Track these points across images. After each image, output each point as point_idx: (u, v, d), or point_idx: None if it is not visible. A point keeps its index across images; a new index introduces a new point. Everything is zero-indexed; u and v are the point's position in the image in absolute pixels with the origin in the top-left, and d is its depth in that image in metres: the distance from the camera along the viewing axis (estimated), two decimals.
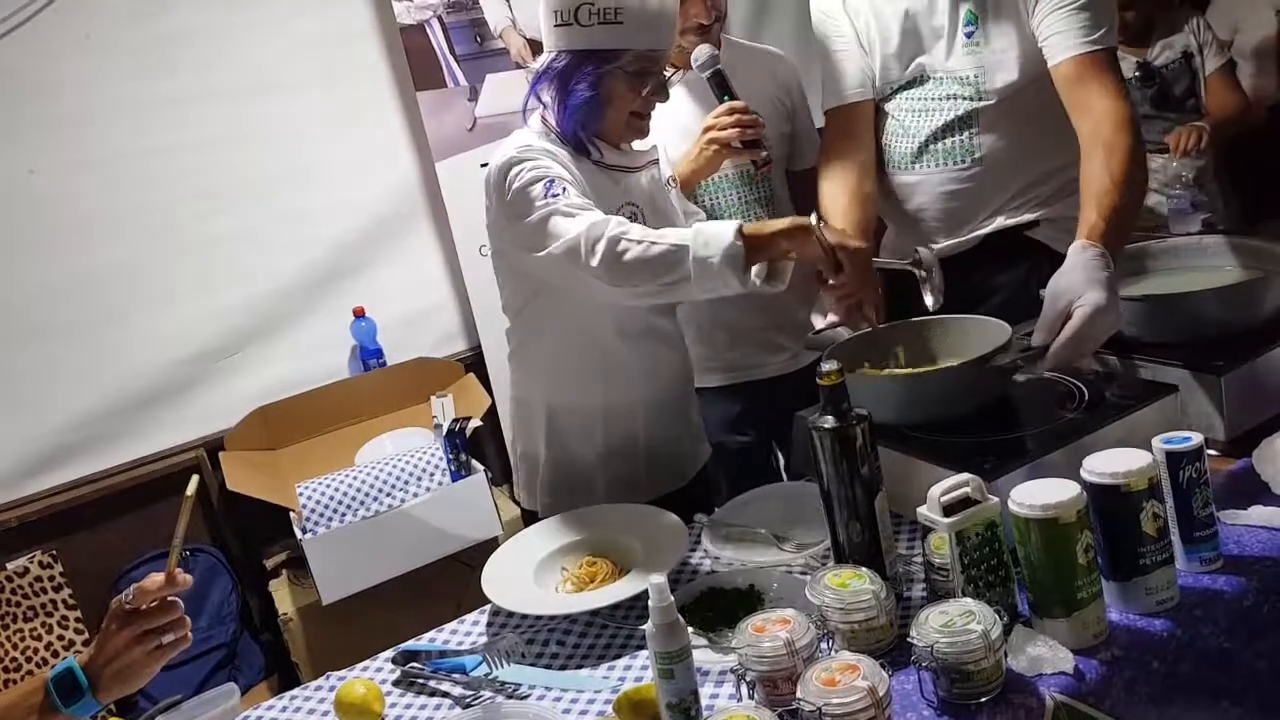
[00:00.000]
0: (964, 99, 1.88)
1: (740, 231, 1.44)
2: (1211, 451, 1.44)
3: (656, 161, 1.79)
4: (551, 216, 1.52)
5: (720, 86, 1.96)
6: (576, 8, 1.55)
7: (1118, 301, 1.46)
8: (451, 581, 2.54)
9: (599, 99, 1.61)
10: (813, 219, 1.49)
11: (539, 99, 1.67)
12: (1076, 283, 1.46)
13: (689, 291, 1.48)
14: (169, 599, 1.28)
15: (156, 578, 1.26)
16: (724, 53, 2.00)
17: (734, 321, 2.16)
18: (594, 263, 1.47)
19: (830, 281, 1.58)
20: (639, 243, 1.46)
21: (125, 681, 1.27)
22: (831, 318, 1.70)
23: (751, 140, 1.92)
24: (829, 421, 1.27)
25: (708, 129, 1.94)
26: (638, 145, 1.74)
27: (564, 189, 1.54)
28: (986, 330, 1.60)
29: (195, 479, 1.34)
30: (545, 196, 1.53)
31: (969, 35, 1.86)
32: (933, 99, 1.92)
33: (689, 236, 1.46)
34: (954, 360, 1.60)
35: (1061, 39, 1.75)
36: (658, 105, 1.71)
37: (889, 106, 2.00)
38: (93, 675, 1.25)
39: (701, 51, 1.96)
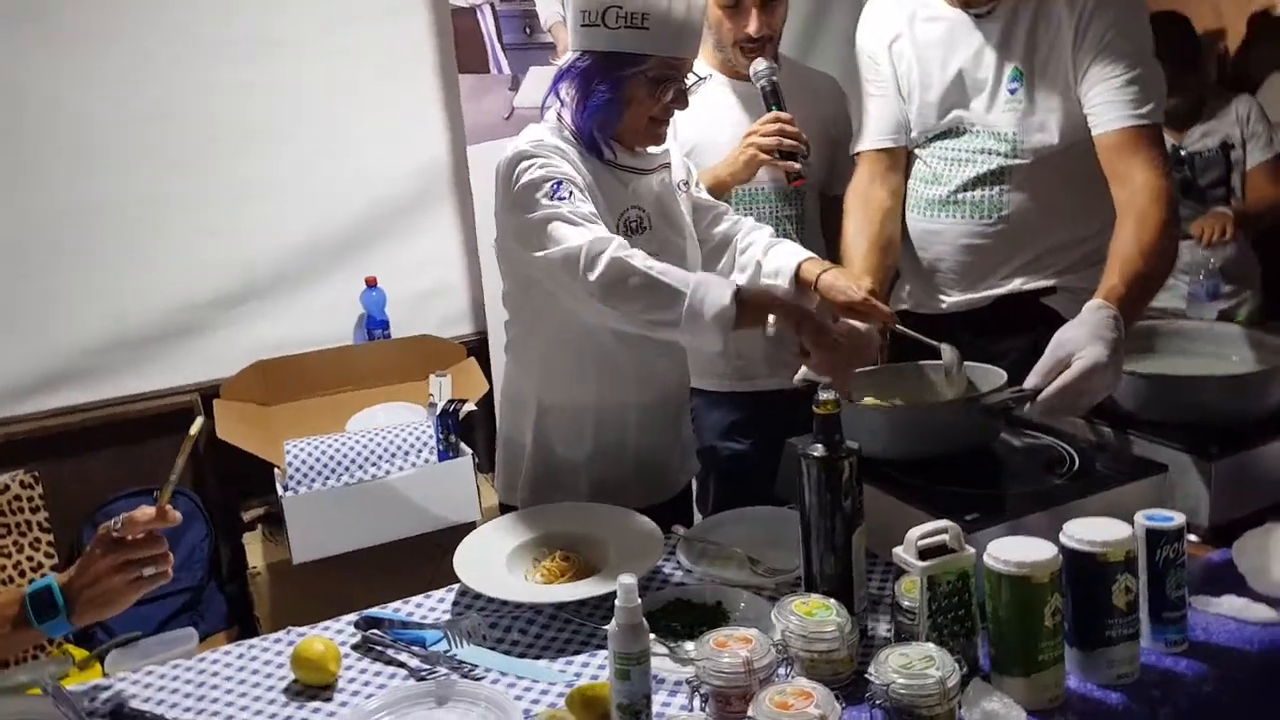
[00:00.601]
0: (998, 155, 1.89)
1: (736, 296, 1.43)
2: (1193, 537, 1.45)
3: (669, 165, 1.79)
4: (554, 221, 1.52)
5: (771, 98, 2.01)
6: (604, 10, 1.56)
7: (1119, 365, 1.47)
8: (423, 560, 2.54)
9: (618, 101, 1.62)
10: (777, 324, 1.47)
11: (559, 96, 1.68)
12: (1082, 336, 1.46)
13: (674, 334, 1.49)
14: (156, 533, 1.28)
15: (147, 510, 1.27)
16: (780, 69, 2.04)
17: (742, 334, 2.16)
18: (592, 278, 1.47)
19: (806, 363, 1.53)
20: (641, 272, 1.46)
21: (100, 607, 1.28)
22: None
23: (789, 152, 1.96)
24: (818, 450, 1.28)
25: (750, 134, 1.99)
26: (653, 149, 1.74)
27: (570, 192, 1.55)
28: (987, 377, 1.64)
29: (200, 420, 1.35)
30: (551, 198, 1.54)
31: (1012, 92, 1.87)
32: (967, 150, 1.93)
33: (689, 284, 1.46)
34: None
35: (1109, 109, 1.76)
36: (707, 114, 1.72)
37: (921, 153, 2.01)
38: (70, 596, 1.26)
39: (760, 63, 2.01)
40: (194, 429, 1.32)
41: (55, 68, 2.68)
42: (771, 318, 1.45)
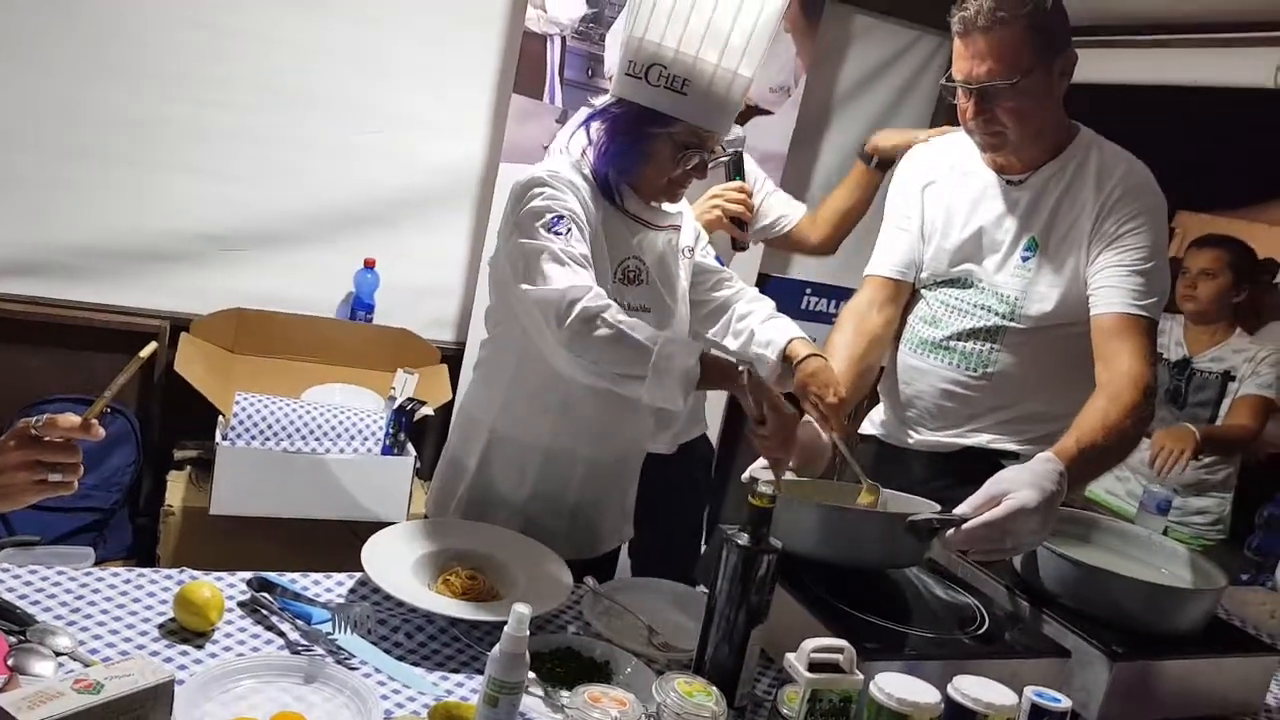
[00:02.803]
0: (997, 314, 1.93)
1: (701, 360, 1.46)
2: None
3: (679, 228, 1.81)
4: (544, 255, 1.54)
5: (735, 166, 2.17)
6: (649, 66, 1.59)
7: (1049, 518, 1.49)
8: (336, 547, 2.51)
9: (640, 155, 1.66)
10: (747, 374, 1.51)
11: (588, 134, 1.71)
12: (1022, 479, 1.49)
13: (638, 391, 1.48)
14: (74, 442, 1.25)
15: (72, 418, 1.24)
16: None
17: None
18: (561, 327, 1.48)
19: (756, 431, 1.57)
20: (611, 326, 1.47)
21: None
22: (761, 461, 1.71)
23: (743, 221, 2.18)
24: (743, 539, 1.29)
25: (716, 194, 2.13)
26: (667, 207, 1.77)
27: (568, 229, 1.57)
28: (922, 506, 1.67)
29: (154, 345, 1.34)
30: (549, 230, 1.56)
31: (1024, 260, 1.91)
32: (969, 303, 1.97)
33: (657, 340, 1.47)
34: None
35: (1111, 293, 1.80)
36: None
37: (926, 294, 2.05)
38: None
39: (734, 130, 2.10)
40: (145, 351, 1.30)
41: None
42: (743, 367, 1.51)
